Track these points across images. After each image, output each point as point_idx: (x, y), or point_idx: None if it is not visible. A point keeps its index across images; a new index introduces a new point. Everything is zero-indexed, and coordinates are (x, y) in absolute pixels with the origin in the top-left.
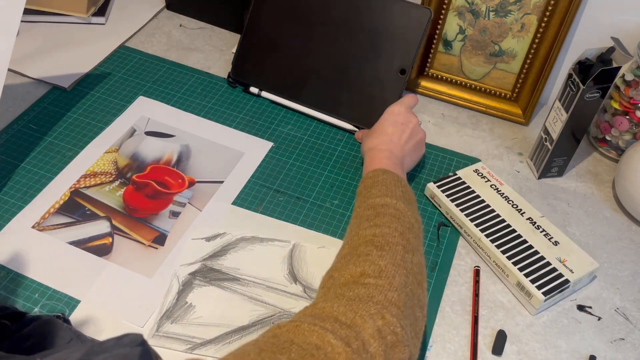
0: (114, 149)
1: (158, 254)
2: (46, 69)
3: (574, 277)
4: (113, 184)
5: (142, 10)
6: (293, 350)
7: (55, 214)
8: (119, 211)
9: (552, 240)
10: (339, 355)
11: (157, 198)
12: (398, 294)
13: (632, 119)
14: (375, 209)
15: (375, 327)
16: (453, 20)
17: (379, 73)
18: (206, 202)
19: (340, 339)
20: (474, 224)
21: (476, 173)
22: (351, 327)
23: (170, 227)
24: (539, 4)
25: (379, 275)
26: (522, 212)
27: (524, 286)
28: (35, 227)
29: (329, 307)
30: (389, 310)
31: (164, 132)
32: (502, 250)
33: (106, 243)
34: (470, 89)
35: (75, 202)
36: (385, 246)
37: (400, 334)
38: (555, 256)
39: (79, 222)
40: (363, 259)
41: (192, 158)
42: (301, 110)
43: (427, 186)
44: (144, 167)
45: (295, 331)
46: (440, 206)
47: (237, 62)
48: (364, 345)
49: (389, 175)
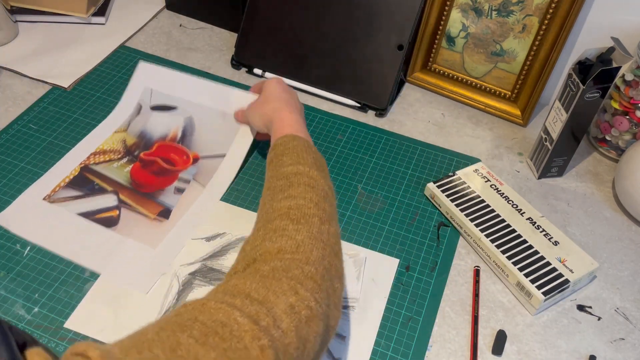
0: (122, 129)
1: (163, 226)
2: (46, 69)
3: (573, 277)
4: (121, 161)
5: (142, 10)
6: (195, 328)
7: (65, 187)
8: (126, 186)
9: (552, 240)
10: (245, 333)
11: (163, 175)
12: (315, 267)
13: (632, 119)
14: (288, 179)
15: (287, 303)
16: (456, 17)
17: (377, 49)
18: (209, 177)
19: (247, 317)
20: (474, 224)
21: (476, 173)
22: (262, 304)
23: (175, 203)
24: (541, 6)
25: (296, 251)
26: (522, 212)
27: (523, 286)
28: (46, 199)
29: (241, 283)
30: (304, 285)
31: (167, 105)
32: (502, 250)
33: (113, 215)
34: (471, 86)
35: (85, 177)
36: (301, 219)
37: (315, 308)
38: (555, 256)
39: (88, 196)
40: (279, 234)
41: (196, 132)
42: (304, 88)
43: (427, 186)
44: (150, 144)
45: (200, 309)
46: (440, 206)
47: (239, 44)
48: (275, 321)
49: (299, 142)
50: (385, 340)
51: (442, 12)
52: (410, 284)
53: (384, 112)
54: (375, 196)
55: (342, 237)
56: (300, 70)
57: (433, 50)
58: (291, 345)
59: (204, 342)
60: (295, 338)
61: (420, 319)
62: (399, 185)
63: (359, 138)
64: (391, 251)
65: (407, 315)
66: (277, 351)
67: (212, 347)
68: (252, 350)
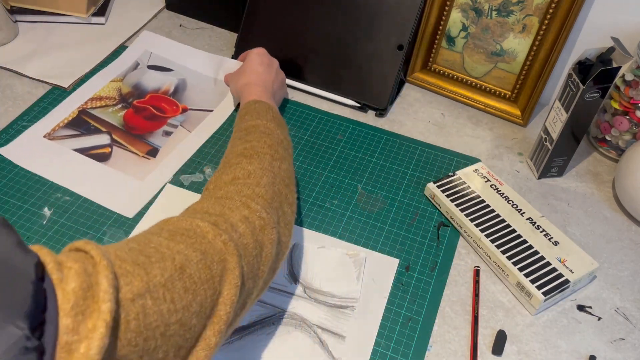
0: (119, 79)
1: (150, 163)
2: (46, 69)
3: (574, 277)
4: (116, 107)
5: (142, 10)
6: (163, 234)
7: (64, 127)
8: (119, 128)
9: (552, 240)
10: (208, 233)
11: (153, 120)
12: (265, 189)
13: (632, 119)
14: (247, 130)
15: (241, 215)
16: (456, 17)
17: (377, 49)
18: (196, 125)
19: (208, 222)
20: (474, 224)
21: (476, 173)
22: (220, 216)
23: (163, 144)
24: (541, 6)
25: (247, 177)
26: (522, 212)
27: (524, 286)
28: (46, 136)
29: (199, 206)
30: (255, 201)
31: (164, 67)
32: (502, 250)
33: (106, 152)
34: (471, 86)
35: (82, 119)
36: (254, 155)
37: (267, 218)
38: (555, 256)
39: (84, 135)
40: (234, 167)
41: (188, 90)
42: (304, 88)
43: (427, 186)
44: (144, 95)
45: (166, 221)
46: (440, 206)
47: (239, 44)
48: (233, 226)
49: (260, 104)
50: (385, 340)
51: (442, 12)
52: (410, 284)
53: (384, 112)
54: (375, 196)
55: (342, 237)
56: (300, 70)
57: (433, 50)
58: (249, 245)
59: (172, 239)
60: (251, 240)
61: (420, 319)
62: (399, 185)
63: (359, 138)
64: (391, 251)
65: (407, 315)
66: (237, 247)
67: (180, 242)
68: (216, 244)
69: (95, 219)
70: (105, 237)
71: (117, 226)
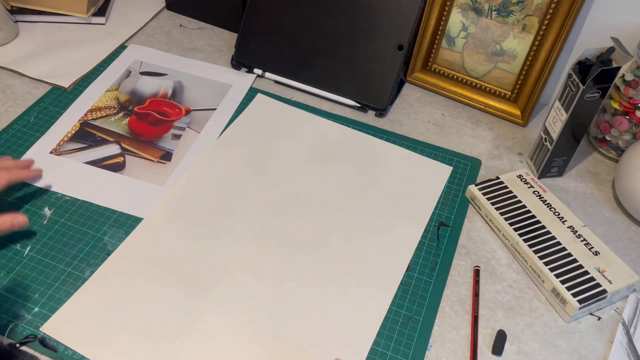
0: (113, 88)
1: (167, 167)
2: (46, 69)
3: (612, 288)
4: (117, 115)
5: (142, 10)
6: None
7: (68, 141)
8: (126, 136)
9: (592, 250)
10: None
11: (158, 125)
12: None
13: (632, 119)
14: None
15: None
16: (456, 17)
17: (377, 50)
18: (203, 125)
19: None
20: (513, 228)
21: (519, 178)
22: None
23: (174, 147)
24: (541, 6)
25: None
26: (564, 220)
27: (559, 292)
28: (52, 152)
29: None
30: None
31: (157, 72)
32: (539, 256)
33: (119, 161)
34: (471, 86)
35: (86, 132)
36: None
37: None
38: (595, 266)
39: (92, 147)
40: None
41: (186, 91)
42: (304, 88)
43: (469, 188)
44: (143, 100)
45: None
46: (480, 208)
47: (239, 44)
48: None
49: None
50: (385, 340)
51: (442, 12)
52: (410, 284)
53: (384, 112)
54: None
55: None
56: (300, 70)
57: (433, 50)
58: None
59: None
60: None
61: (420, 319)
62: None
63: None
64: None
65: (407, 315)
66: None
67: None
68: None
69: (96, 218)
70: (105, 237)
71: (117, 226)
